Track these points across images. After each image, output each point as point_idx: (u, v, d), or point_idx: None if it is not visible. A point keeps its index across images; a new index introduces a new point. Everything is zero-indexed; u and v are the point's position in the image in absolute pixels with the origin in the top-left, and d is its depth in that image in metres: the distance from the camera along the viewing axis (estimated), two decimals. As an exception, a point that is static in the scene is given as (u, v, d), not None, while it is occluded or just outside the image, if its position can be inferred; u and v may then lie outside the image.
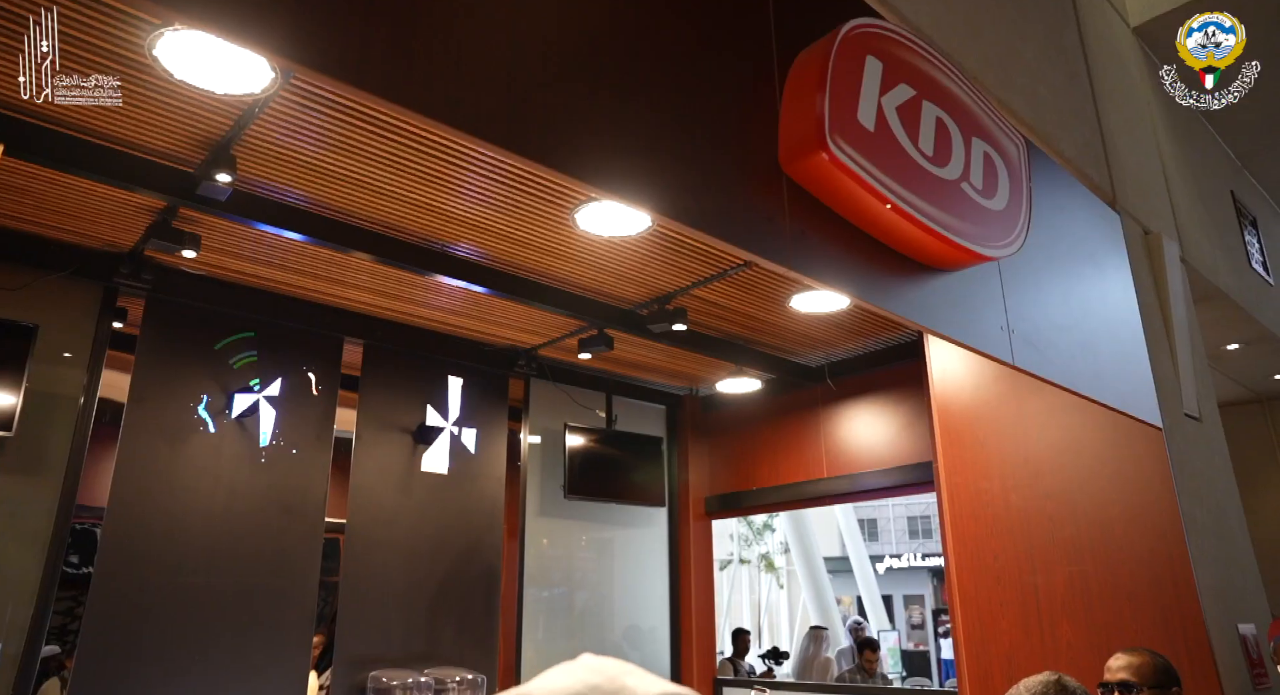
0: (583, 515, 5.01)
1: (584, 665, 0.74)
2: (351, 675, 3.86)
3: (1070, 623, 3.09)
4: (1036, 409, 3.38)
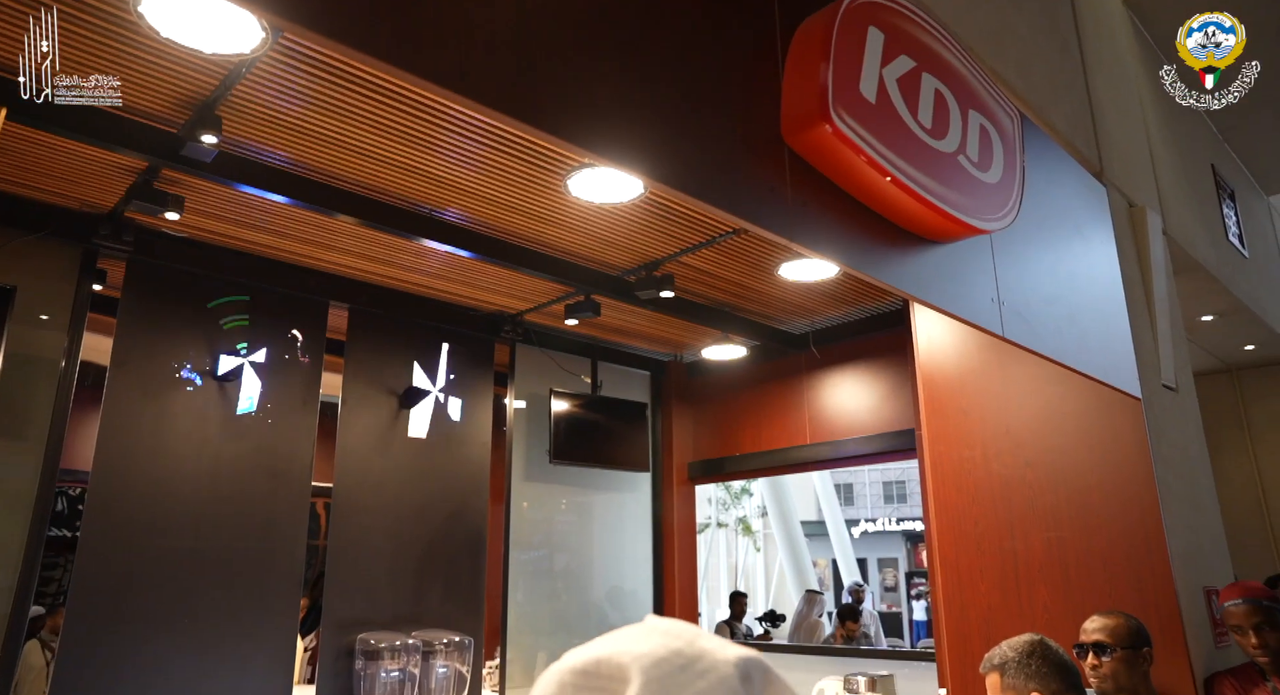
0: (567, 480, 5.05)
1: (657, 628, 0.73)
2: (339, 638, 3.89)
3: (1047, 587, 3.18)
4: (1019, 379, 3.44)
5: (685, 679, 0.67)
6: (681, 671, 0.67)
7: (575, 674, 0.70)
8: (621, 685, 0.67)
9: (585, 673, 0.70)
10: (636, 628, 0.74)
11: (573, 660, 0.71)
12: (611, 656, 0.69)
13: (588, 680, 0.69)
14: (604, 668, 0.69)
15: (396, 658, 3.84)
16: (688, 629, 0.72)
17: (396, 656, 3.85)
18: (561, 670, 0.72)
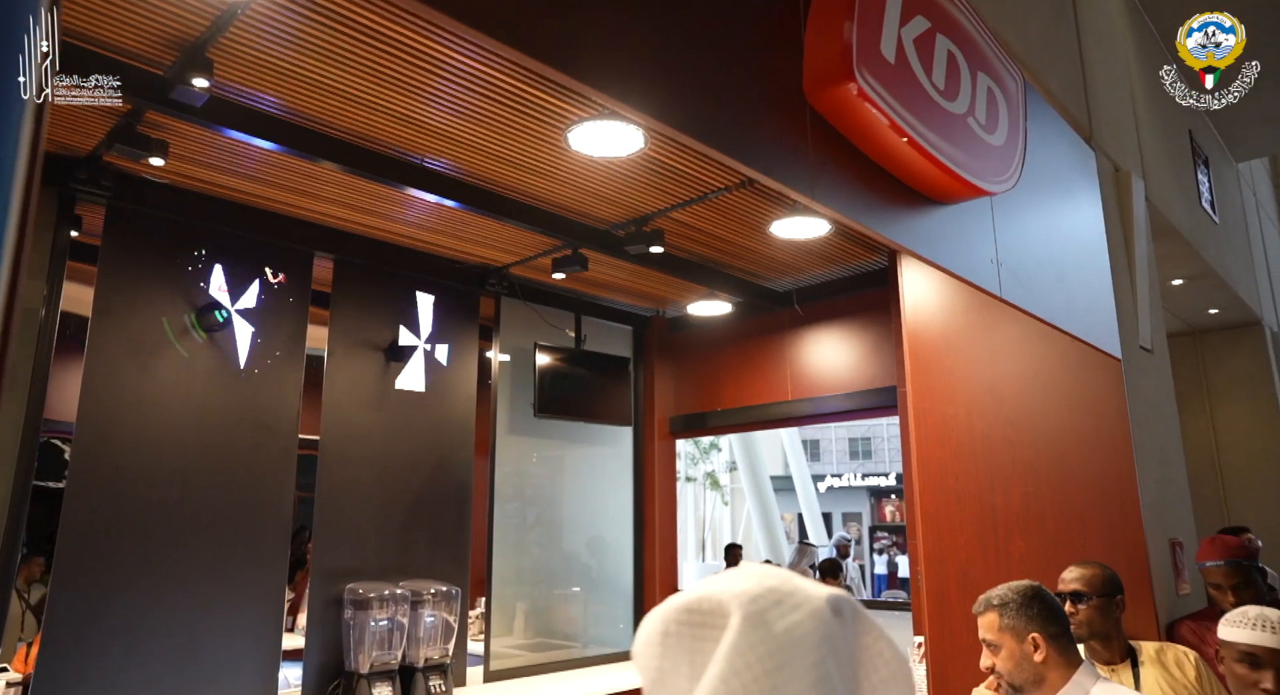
0: (551, 433, 5.08)
1: (753, 571, 0.78)
2: (327, 588, 3.92)
3: (1024, 538, 3.30)
4: (1003, 339, 3.52)
5: (780, 612, 0.72)
6: (777, 606, 0.72)
7: (679, 612, 0.75)
8: (722, 619, 0.72)
9: (688, 611, 0.74)
10: (734, 571, 0.79)
11: (675, 601, 0.76)
12: (711, 595, 0.74)
13: (690, 617, 0.74)
14: (704, 605, 0.73)
15: (385, 607, 3.88)
16: (780, 571, 0.78)
17: (385, 606, 3.88)
18: (665, 611, 0.77)
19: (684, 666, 0.72)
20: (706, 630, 0.72)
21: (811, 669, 0.69)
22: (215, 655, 3.48)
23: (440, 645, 4.04)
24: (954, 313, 3.72)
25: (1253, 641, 2.04)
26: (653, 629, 0.76)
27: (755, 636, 0.70)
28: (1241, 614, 2.09)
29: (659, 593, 5.29)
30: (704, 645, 0.72)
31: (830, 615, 0.73)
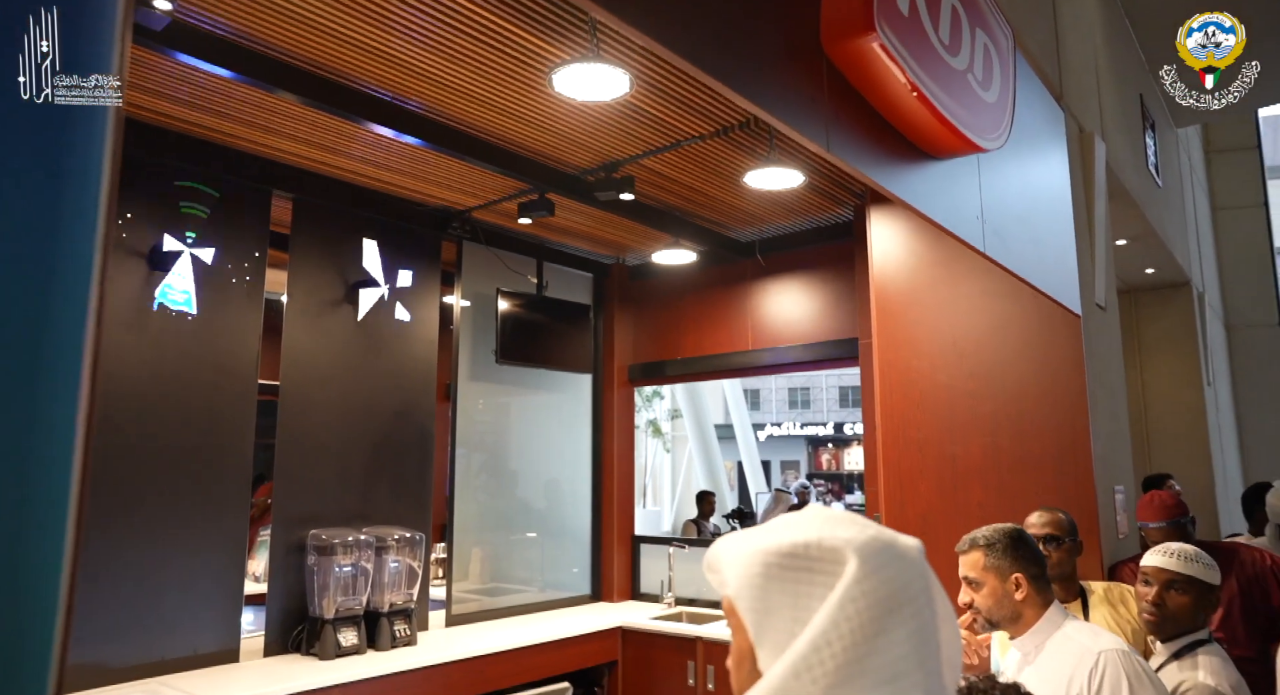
0: (511, 380, 5.05)
1: (828, 516, 0.81)
2: (289, 534, 3.86)
3: (982, 487, 3.45)
4: (967, 294, 3.62)
5: (889, 558, 0.75)
6: (886, 551, 0.76)
7: (782, 556, 0.77)
8: (838, 565, 0.74)
9: (794, 555, 0.76)
10: (802, 516, 0.82)
11: (768, 543, 0.78)
12: (821, 540, 0.76)
13: (797, 562, 0.76)
14: (815, 550, 0.76)
15: (349, 553, 3.86)
16: (851, 515, 0.81)
17: (349, 552, 3.86)
18: (761, 552, 0.78)
19: (787, 609, 0.74)
20: (817, 575, 0.74)
21: (912, 617, 0.73)
22: (176, 603, 3.42)
23: (404, 590, 4.05)
24: (920, 267, 3.80)
25: (1146, 562, 2.29)
26: (751, 569, 0.77)
27: (868, 584, 0.72)
28: (1164, 547, 2.28)
29: (616, 539, 5.37)
30: (812, 589, 0.74)
31: (922, 561, 0.78)
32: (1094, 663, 1.86)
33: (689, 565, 5.19)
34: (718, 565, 0.84)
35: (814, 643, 0.70)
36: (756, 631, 0.76)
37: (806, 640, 0.70)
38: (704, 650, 4.39)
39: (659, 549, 5.34)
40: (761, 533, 0.81)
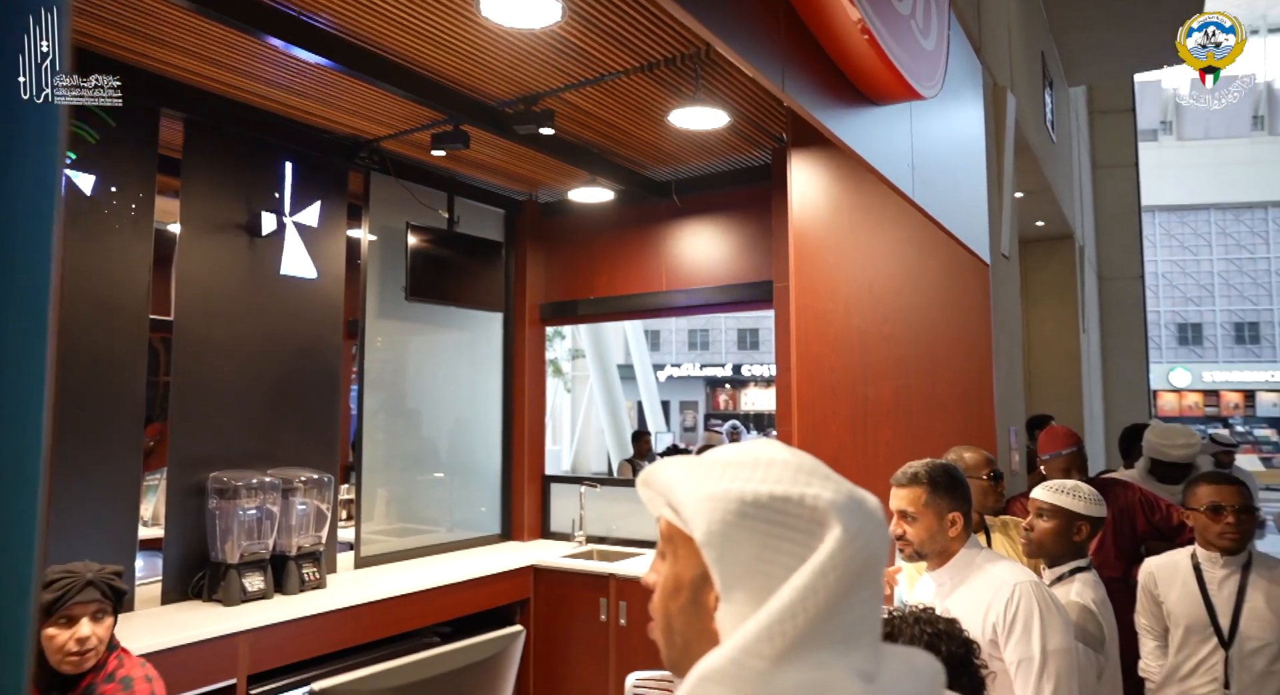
0: (421, 317, 4.90)
1: (800, 465, 0.77)
2: (187, 477, 3.67)
3: (891, 428, 3.60)
4: (884, 240, 3.71)
5: (864, 521, 0.73)
6: (860, 513, 0.73)
7: (758, 507, 0.73)
8: (820, 527, 0.71)
9: (771, 508, 0.73)
10: (772, 459, 0.77)
11: (743, 491, 0.74)
12: (802, 498, 0.72)
13: (774, 516, 0.72)
14: (794, 507, 0.72)
15: (254, 496, 3.70)
16: (815, 464, 0.78)
17: (254, 495, 3.70)
18: (737, 501, 0.74)
19: (752, 559, 0.72)
20: (792, 532, 0.72)
21: (874, 579, 0.72)
22: (64, 551, 3.20)
23: (312, 533, 3.93)
24: (838, 213, 3.86)
25: (1034, 495, 2.47)
26: (728, 507, 0.74)
27: (850, 551, 0.70)
28: (1059, 482, 2.46)
29: (526, 478, 5.37)
30: (783, 544, 0.72)
31: (884, 521, 0.77)
32: (1010, 594, 1.99)
33: (600, 504, 5.24)
34: (663, 487, 0.81)
35: (790, 607, 0.68)
36: (722, 577, 0.73)
37: (783, 603, 0.69)
38: (616, 587, 4.47)
39: (570, 488, 5.37)
40: (727, 471, 0.77)
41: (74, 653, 2.00)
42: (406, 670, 1.05)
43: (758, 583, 0.71)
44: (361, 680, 0.99)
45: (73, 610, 2.00)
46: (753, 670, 0.67)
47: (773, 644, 0.67)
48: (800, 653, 0.67)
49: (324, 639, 3.57)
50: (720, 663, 0.68)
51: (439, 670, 1.09)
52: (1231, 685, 2.54)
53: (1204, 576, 2.63)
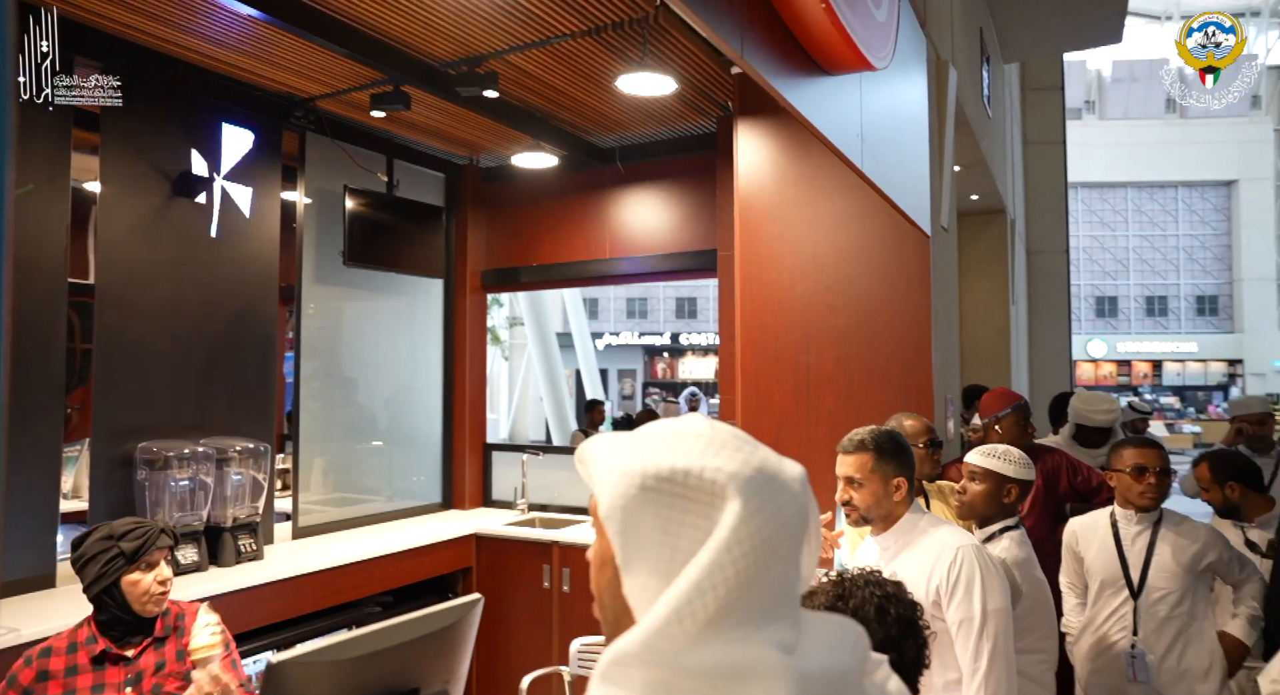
0: (359, 283, 4.78)
1: (710, 438, 0.76)
2: (113, 447, 3.53)
3: (833, 395, 3.67)
4: (828, 212, 3.75)
5: (772, 493, 0.72)
6: (770, 486, 0.72)
7: (659, 479, 0.72)
8: (715, 500, 0.70)
9: (672, 481, 0.72)
10: (685, 432, 0.77)
11: (646, 461, 0.73)
12: (702, 471, 0.72)
13: (675, 488, 0.72)
14: (694, 480, 0.71)
15: (185, 466, 3.58)
16: (734, 436, 0.77)
17: (185, 465, 3.58)
18: (639, 471, 0.73)
19: (656, 532, 0.71)
20: (692, 505, 0.71)
21: (790, 553, 0.72)
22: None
23: (249, 504, 3.83)
24: (783, 183, 3.89)
25: (966, 459, 2.58)
26: (625, 486, 0.73)
27: (754, 525, 0.69)
28: (990, 447, 2.56)
29: (468, 448, 5.32)
30: (684, 517, 0.71)
31: (805, 495, 0.76)
32: (953, 557, 2.06)
33: (542, 472, 5.24)
34: (589, 463, 0.80)
35: (698, 586, 0.67)
36: (623, 550, 0.72)
37: (690, 582, 0.67)
38: (559, 554, 4.49)
39: (512, 456, 5.35)
40: (641, 444, 0.76)
41: (159, 593, 2.19)
42: (364, 641, 1.04)
43: (663, 555, 0.70)
44: (319, 651, 0.97)
45: (153, 555, 2.18)
46: (664, 652, 0.66)
47: (683, 625, 0.66)
48: (715, 630, 0.66)
49: (263, 611, 3.50)
50: (631, 646, 0.67)
51: (397, 640, 1.07)
52: (1139, 631, 2.71)
53: (1120, 533, 2.79)
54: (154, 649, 2.24)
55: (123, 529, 2.20)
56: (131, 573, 2.16)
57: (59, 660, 2.12)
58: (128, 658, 2.19)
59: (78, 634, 2.18)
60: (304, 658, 1.01)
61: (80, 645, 2.16)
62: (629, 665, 0.67)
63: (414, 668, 1.16)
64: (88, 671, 2.14)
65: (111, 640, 2.18)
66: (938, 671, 2.06)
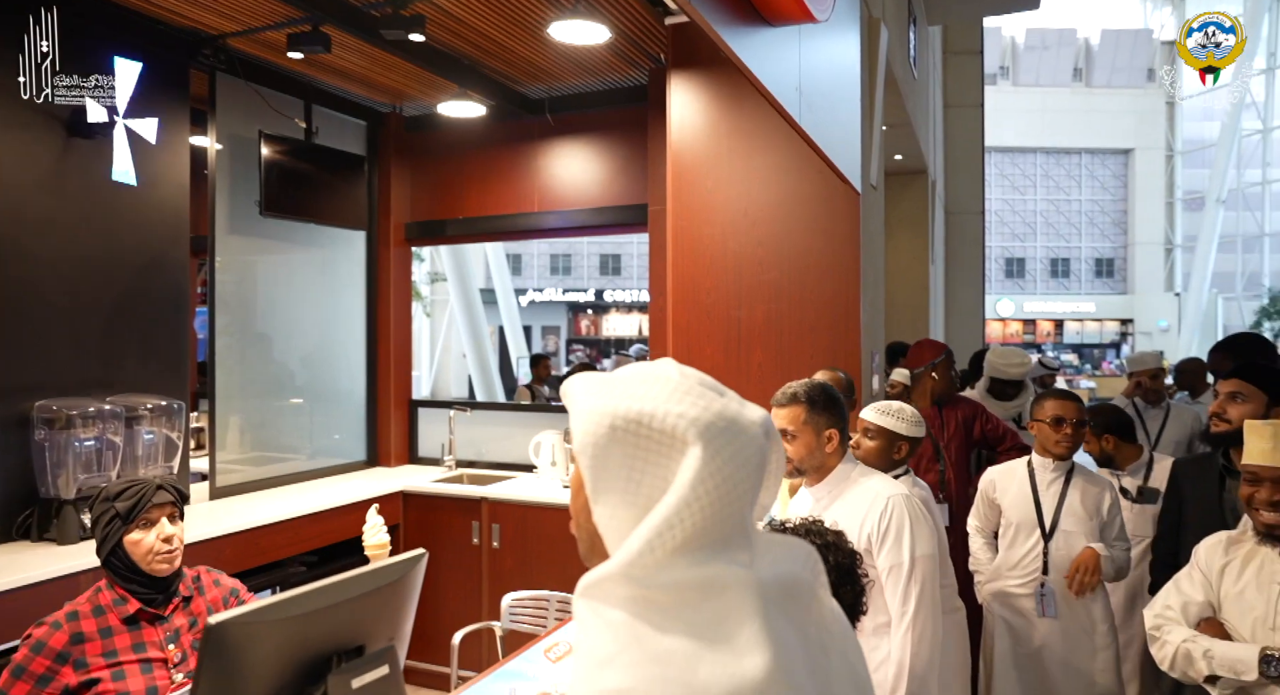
0: (277, 234, 4.57)
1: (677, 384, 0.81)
2: (6, 407, 3.31)
3: (763, 350, 3.71)
4: (760, 167, 3.76)
5: (731, 436, 0.78)
6: (730, 430, 0.78)
7: (627, 420, 0.78)
8: (680, 444, 0.76)
9: (639, 422, 0.78)
10: (654, 376, 0.82)
11: (616, 404, 0.79)
12: (665, 416, 0.77)
13: (640, 429, 0.78)
14: (657, 424, 0.77)
15: (91, 425, 3.40)
16: (700, 382, 0.82)
17: (90, 424, 3.39)
18: (610, 415, 0.79)
19: (623, 470, 0.78)
20: (655, 448, 0.77)
21: (749, 491, 0.78)
22: None
23: (162, 464, 3.67)
24: (716, 137, 3.86)
25: (861, 415, 2.70)
26: (595, 425, 0.79)
27: (714, 466, 0.75)
28: (885, 405, 2.69)
29: (393, 404, 5.21)
30: (650, 457, 0.77)
31: (764, 439, 0.81)
32: (884, 506, 2.12)
33: (470, 428, 5.18)
34: (567, 399, 0.86)
35: (667, 520, 0.73)
36: (593, 483, 0.79)
37: (660, 517, 0.74)
38: (489, 510, 4.46)
39: (438, 413, 5.27)
40: (613, 386, 0.82)
41: (164, 551, 2.07)
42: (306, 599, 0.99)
43: (629, 490, 0.77)
44: (260, 611, 0.93)
45: (151, 513, 2.08)
46: (637, 576, 0.74)
47: (654, 554, 0.73)
48: (681, 555, 0.73)
49: (180, 573, 3.38)
50: (610, 571, 0.75)
51: (341, 597, 1.03)
52: (1049, 571, 2.88)
53: (1036, 480, 2.94)
54: (183, 609, 2.19)
55: (117, 488, 2.11)
56: (131, 532, 2.07)
57: (89, 623, 2.06)
58: (164, 616, 2.14)
59: (99, 598, 2.11)
60: (245, 618, 0.96)
61: (108, 608, 2.10)
62: (608, 584, 0.75)
63: (359, 625, 1.13)
64: (123, 632, 2.08)
65: (141, 601, 2.11)
66: (868, 616, 2.13)
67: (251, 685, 0.97)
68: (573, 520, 0.89)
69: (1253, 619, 1.91)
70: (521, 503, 4.42)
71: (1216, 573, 2.01)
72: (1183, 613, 2.05)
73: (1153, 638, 2.09)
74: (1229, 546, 2.00)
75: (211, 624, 0.93)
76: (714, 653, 0.71)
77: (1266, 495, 1.89)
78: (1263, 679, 1.81)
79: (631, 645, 0.72)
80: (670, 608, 0.73)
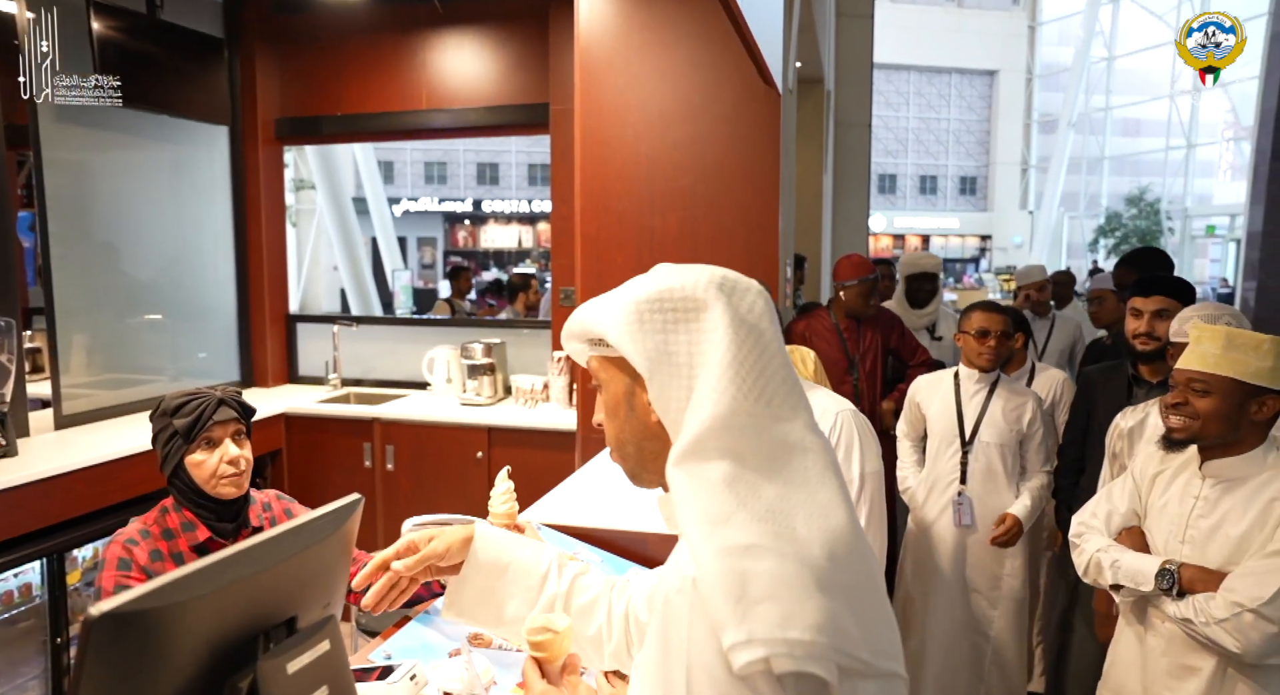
0: (123, 126, 3.96)
1: (673, 267, 0.92)
2: None
3: (678, 259, 3.48)
4: (676, 64, 3.49)
5: (740, 292, 0.88)
6: (736, 288, 0.88)
7: (650, 303, 0.86)
8: (702, 305, 0.85)
9: (660, 300, 0.86)
10: (655, 270, 0.93)
11: (636, 294, 0.88)
12: (682, 285, 0.87)
13: (665, 305, 0.86)
14: (676, 294, 0.86)
15: (-100, 346, 2.89)
16: (714, 267, 0.92)
17: (-100, 345, 2.89)
18: (634, 301, 0.87)
19: (661, 344, 0.84)
20: (682, 316, 0.85)
21: (776, 339, 0.87)
22: None
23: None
24: (629, 30, 3.55)
25: None
26: (628, 309, 0.87)
27: (738, 313, 0.85)
28: None
29: (269, 320, 4.76)
30: (681, 327, 0.85)
31: (764, 293, 0.91)
32: (833, 422, 2.03)
33: (356, 344, 4.82)
34: (586, 328, 0.93)
35: (728, 362, 0.82)
36: (644, 365, 0.85)
37: (718, 364, 0.82)
38: (381, 431, 4.18)
39: (319, 328, 4.86)
40: (624, 289, 0.91)
41: (230, 474, 1.88)
42: (218, 571, 0.76)
43: (671, 362, 0.84)
44: (155, 593, 0.70)
45: (213, 432, 1.88)
46: (724, 415, 0.80)
47: (737, 390, 0.81)
48: (760, 406, 0.82)
49: (22, 516, 2.97)
50: (700, 427, 0.80)
51: (264, 564, 0.81)
52: (967, 481, 2.91)
53: (960, 390, 2.94)
54: None
55: (175, 402, 1.89)
56: (194, 452, 1.86)
57: (162, 544, 1.87)
58: None
59: (166, 521, 1.90)
60: (137, 604, 0.72)
61: (177, 532, 1.89)
62: (706, 439, 0.79)
63: (288, 594, 0.90)
64: (195, 558, 1.78)
65: (210, 529, 1.92)
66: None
67: (153, 688, 0.74)
68: (612, 448, 0.95)
69: (1166, 531, 1.94)
70: (416, 422, 4.16)
71: (1148, 481, 2.03)
72: (1106, 522, 2.07)
73: (1073, 544, 2.12)
74: (1164, 456, 2.02)
75: (93, 616, 0.69)
76: (806, 509, 0.78)
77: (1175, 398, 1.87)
78: (1156, 590, 1.84)
79: (745, 502, 0.77)
80: (765, 459, 0.80)
